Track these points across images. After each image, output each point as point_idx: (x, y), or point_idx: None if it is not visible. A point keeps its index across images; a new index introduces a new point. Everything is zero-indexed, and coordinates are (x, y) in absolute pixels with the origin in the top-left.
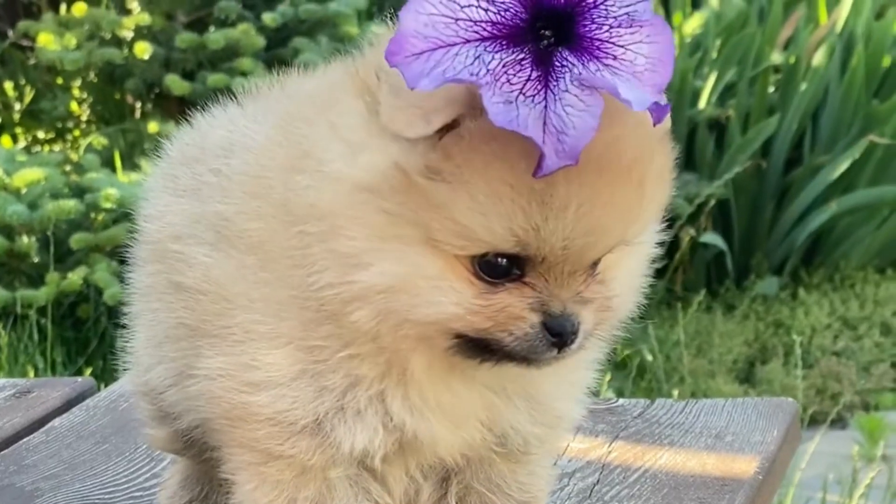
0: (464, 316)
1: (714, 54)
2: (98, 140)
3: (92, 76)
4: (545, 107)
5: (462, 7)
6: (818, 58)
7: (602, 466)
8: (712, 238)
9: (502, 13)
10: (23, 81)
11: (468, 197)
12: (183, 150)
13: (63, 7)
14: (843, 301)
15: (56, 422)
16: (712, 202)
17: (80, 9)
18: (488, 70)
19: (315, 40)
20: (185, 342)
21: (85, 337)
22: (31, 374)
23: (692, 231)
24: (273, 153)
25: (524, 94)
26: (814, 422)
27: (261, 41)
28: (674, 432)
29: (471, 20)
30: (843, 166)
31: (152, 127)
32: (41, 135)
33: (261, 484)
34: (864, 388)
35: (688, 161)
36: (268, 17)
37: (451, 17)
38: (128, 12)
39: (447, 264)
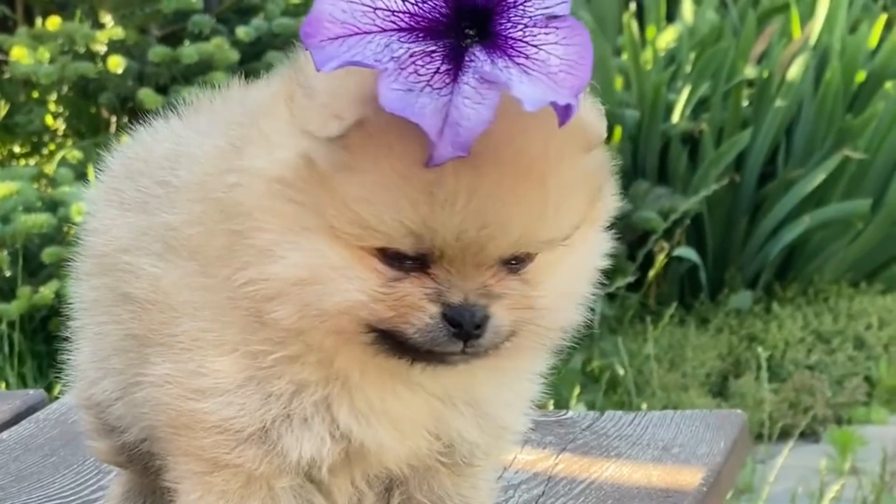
0: (367, 304)
1: (688, 68)
2: (72, 154)
3: (66, 90)
4: (449, 100)
5: None
6: (792, 72)
7: (548, 478)
8: (686, 252)
9: (420, 5)
10: None
11: (361, 187)
12: (126, 164)
13: (37, 21)
14: (816, 315)
15: (5, 434)
16: (690, 218)
17: (53, 23)
18: (393, 58)
19: (289, 54)
20: (133, 353)
21: (56, 351)
22: (3, 386)
23: (666, 245)
24: (217, 160)
25: (431, 86)
26: (786, 435)
27: (234, 55)
28: (621, 444)
29: (389, 10)
30: (817, 180)
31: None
32: (17, 149)
33: (205, 493)
34: (837, 402)
35: (661, 175)
36: (241, 32)
37: (371, 7)
38: (101, 26)
39: (354, 254)
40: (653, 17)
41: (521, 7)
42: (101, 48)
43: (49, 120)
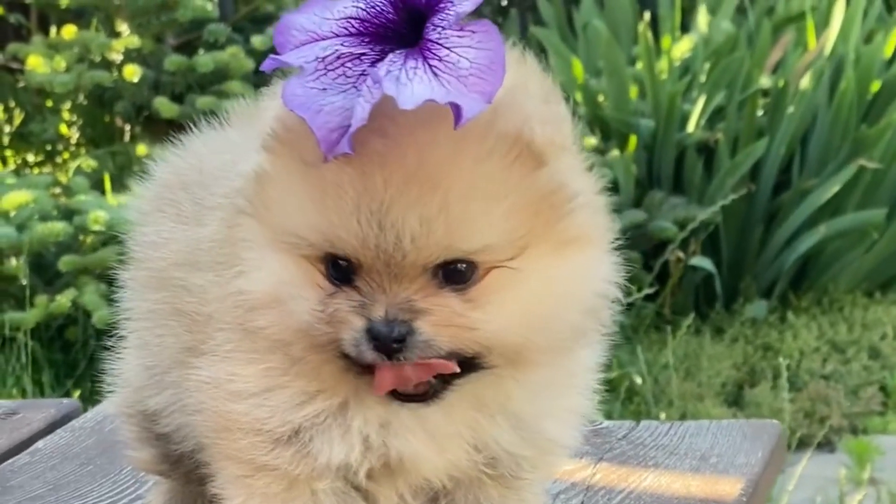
0: (312, 323)
1: (703, 78)
2: (87, 163)
3: (81, 99)
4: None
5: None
6: (807, 82)
7: (586, 488)
8: (701, 261)
9: (368, 10)
10: (12, 104)
11: (281, 192)
12: (179, 175)
13: (52, 30)
14: (831, 324)
15: (41, 443)
16: (706, 228)
17: (69, 31)
18: (317, 58)
19: None
20: (188, 364)
21: (73, 359)
22: (20, 396)
23: (681, 254)
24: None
25: (356, 87)
26: (802, 445)
27: (250, 64)
28: (658, 454)
29: (345, 17)
30: (832, 190)
31: (141, 149)
32: (31, 158)
33: (249, 497)
34: (852, 412)
35: (676, 184)
36: (256, 40)
37: (330, 16)
38: (117, 35)
39: (301, 269)
40: (668, 27)
41: (445, 11)
42: (117, 57)
43: (63, 129)
